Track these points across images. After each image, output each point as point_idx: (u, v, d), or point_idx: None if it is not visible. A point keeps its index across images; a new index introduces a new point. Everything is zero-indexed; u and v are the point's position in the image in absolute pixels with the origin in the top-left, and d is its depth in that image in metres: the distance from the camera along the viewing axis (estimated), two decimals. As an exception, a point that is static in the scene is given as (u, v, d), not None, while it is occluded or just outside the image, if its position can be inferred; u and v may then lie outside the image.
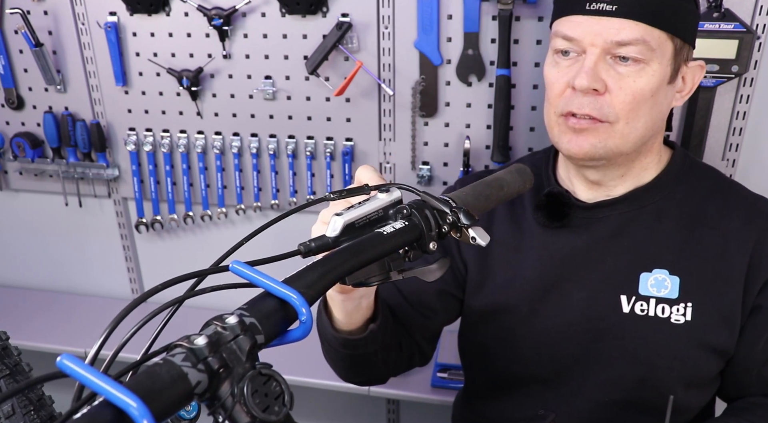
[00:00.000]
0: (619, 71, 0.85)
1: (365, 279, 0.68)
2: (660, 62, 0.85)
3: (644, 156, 0.95)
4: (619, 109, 0.86)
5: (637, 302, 0.94)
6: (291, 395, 0.48)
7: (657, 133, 0.94)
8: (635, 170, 0.96)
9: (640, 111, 0.86)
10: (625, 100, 0.85)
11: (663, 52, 0.84)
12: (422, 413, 1.82)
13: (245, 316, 0.49)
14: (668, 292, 0.93)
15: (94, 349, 0.45)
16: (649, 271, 0.94)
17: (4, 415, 0.78)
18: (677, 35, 0.85)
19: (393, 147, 1.52)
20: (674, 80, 0.89)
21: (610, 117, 0.87)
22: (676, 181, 0.97)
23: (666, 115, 0.93)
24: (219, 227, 1.75)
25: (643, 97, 0.85)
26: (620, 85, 0.85)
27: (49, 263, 1.95)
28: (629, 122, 0.87)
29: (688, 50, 0.89)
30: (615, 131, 0.87)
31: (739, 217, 0.93)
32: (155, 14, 1.51)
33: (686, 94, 0.92)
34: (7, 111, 1.69)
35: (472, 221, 0.69)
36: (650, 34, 0.83)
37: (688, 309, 0.92)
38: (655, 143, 0.95)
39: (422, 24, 1.38)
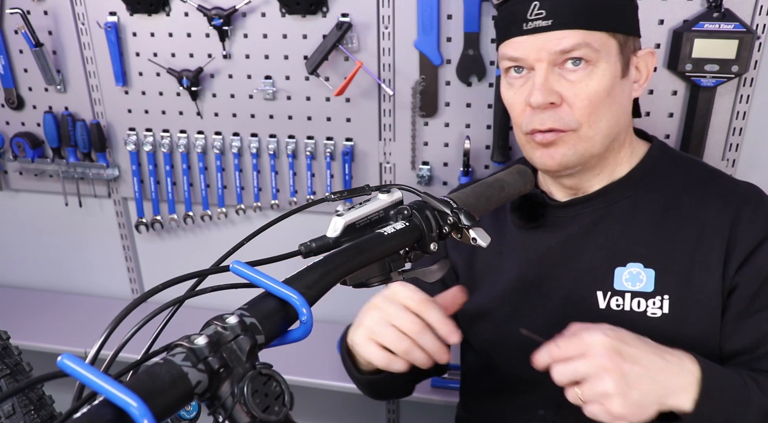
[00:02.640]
0: (570, 79, 0.87)
1: (366, 279, 0.68)
2: (607, 61, 0.87)
3: (617, 152, 0.96)
4: (579, 115, 0.88)
5: (613, 297, 0.94)
6: (291, 395, 0.48)
7: (624, 127, 0.95)
8: (609, 167, 0.97)
9: (599, 112, 0.88)
10: (582, 105, 0.87)
11: (608, 51, 0.87)
12: (422, 413, 1.82)
13: (246, 316, 0.49)
14: (643, 285, 0.92)
15: (95, 348, 0.45)
16: (624, 265, 0.93)
17: (5, 415, 0.78)
18: (618, 31, 0.87)
19: (393, 147, 1.52)
20: (627, 74, 0.91)
21: (572, 125, 0.88)
22: (652, 174, 0.97)
23: (629, 108, 0.94)
24: (219, 227, 1.75)
25: (599, 98, 0.87)
26: (574, 92, 0.87)
27: (49, 263, 1.95)
28: (592, 125, 0.89)
29: (634, 41, 0.91)
30: (580, 137, 0.89)
31: (716, 204, 0.92)
32: (155, 14, 1.51)
33: (644, 83, 0.93)
34: (7, 111, 1.69)
35: (473, 222, 0.70)
36: (590, 37, 0.85)
37: (664, 302, 0.91)
38: (626, 137, 0.96)
39: (422, 24, 1.38)
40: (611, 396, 0.74)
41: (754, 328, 0.90)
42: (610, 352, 0.75)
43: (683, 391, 0.77)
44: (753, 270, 0.89)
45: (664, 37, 1.30)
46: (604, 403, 0.74)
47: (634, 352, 0.77)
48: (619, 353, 0.75)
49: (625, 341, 0.77)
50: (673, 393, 0.76)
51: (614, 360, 0.74)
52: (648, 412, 0.75)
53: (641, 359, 0.76)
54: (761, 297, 0.89)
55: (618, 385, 0.73)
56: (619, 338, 0.77)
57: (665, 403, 0.76)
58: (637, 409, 0.75)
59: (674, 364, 0.78)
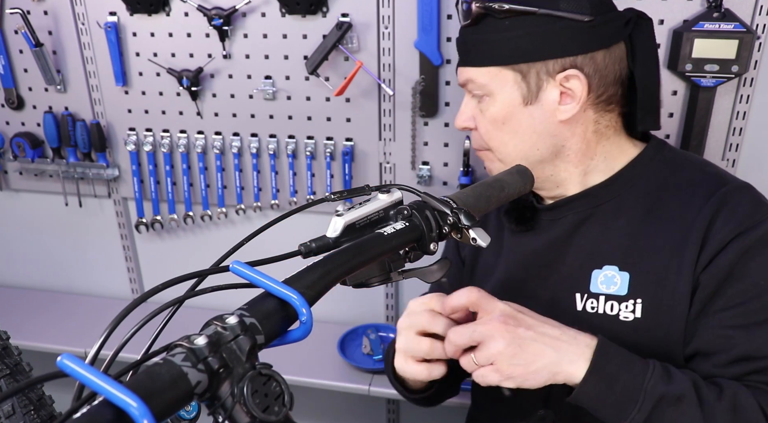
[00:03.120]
0: (479, 108, 0.96)
1: (366, 279, 0.68)
2: (501, 92, 0.92)
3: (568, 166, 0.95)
4: (486, 138, 0.97)
5: (588, 300, 0.94)
6: (291, 395, 0.48)
7: (558, 147, 0.93)
8: (571, 178, 0.96)
9: (501, 137, 0.95)
10: (484, 131, 0.96)
11: (500, 83, 0.91)
12: (422, 413, 1.82)
13: (245, 316, 0.49)
14: (617, 288, 0.92)
15: (95, 348, 0.45)
16: (600, 268, 0.94)
17: (5, 415, 0.78)
18: (512, 63, 0.90)
19: (393, 147, 1.52)
20: (535, 100, 0.91)
21: (485, 145, 0.98)
22: (639, 176, 0.95)
23: (552, 131, 0.92)
24: (219, 227, 1.75)
25: (496, 126, 0.94)
26: (480, 118, 0.96)
27: (49, 263, 1.95)
28: (498, 148, 0.96)
29: (548, 67, 0.88)
30: (496, 156, 0.98)
31: (699, 206, 0.90)
32: (155, 14, 1.51)
33: (578, 104, 0.89)
34: (7, 111, 1.69)
35: (472, 222, 0.70)
36: (475, 73, 0.93)
37: (637, 306, 0.90)
38: (572, 154, 0.94)
39: (422, 24, 1.38)
40: (503, 355, 0.77)
41: (708, 330, 0.87)
42: (505, 317, 0.79)
43: (575, 361, 0.79)
44: (714, 269, 0.86)
45: (664, 37, 1.30)
46: (495, 363, 0.78)
47: (530, 320, 0.81)
48: (514, 318, 0.80)
49: (522, 311, 0.82)
50: (566, 362, 0.78)
51: (509, 323, 0.79)
52: (538, 378, 0.78)
53: (535, 326, 0.80)
54: (718, 298, 0.87)
55: (510, 346, 0.77)
56: (517, 308, 0.82)
57: (557, 371, 0.78)
58: (527, 371, 0.78)
59: (569, 336, 0.80)
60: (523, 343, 0.78)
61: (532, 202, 1.01)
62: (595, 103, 0.92)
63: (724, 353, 0.86)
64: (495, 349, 0.78)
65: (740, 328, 0.85)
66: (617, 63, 0.91)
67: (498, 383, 0.79)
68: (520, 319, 0.80)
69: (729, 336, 0.85)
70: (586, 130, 0.93)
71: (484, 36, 0.91)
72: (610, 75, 0.91)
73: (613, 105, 0.94)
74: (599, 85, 0.90)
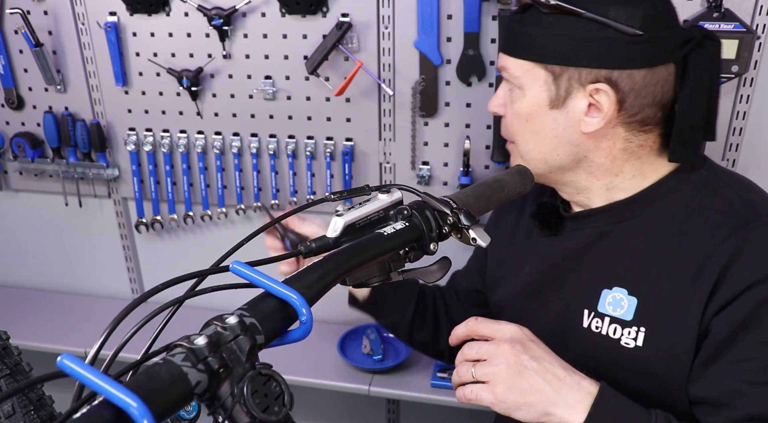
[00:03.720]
0: (510, 97, 0.93)
1: (366, 279, 0.68)
2: (530, 88, 0.88)
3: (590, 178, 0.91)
4: (511, 131, 0.94)
5: (594, 319, 0.92)
6: (291, 395, 0.48)
7: (581, 157, 0.89)
8: (596, 189, 0.92)
9: (523, 133, 0.92)
10: (510, 121, 0.94)
11: (531, 79, 0.88)
12: (422, 413, 1.82)
13: (245, 316, 0.49)
14: (623, 312, 0.88)
15: (95, 348, 0.45)
16: (610, 288, 0.90)
17: (5, 415, 0.78)
18: (548, 62, 0.85)
19: (393, 147, 1.52)
20: (562, 105, 0.86)
21: (509, 137, 0.96)
22: (664, 196, 0.90)
23: (574, 140, 0.88)
24: (219, 227, 1.75)
25: (520, 120, 0.91)
26: (509, 108, 0.93)
27: (49, 263, 1.95)
28: (520, 144, 0.93)
29: (581, 74, 0.84)
30: (518, 151, 0.95)
31: (723, 238, 0.82)
32: (155, 14, 1.51)
33: (603, 119, 0.85)
34: (7, 111, 1.69)
35: (472, 222, 0.70)
36: (511, 62, 0.89)
37: (640, 334, 0.86)
38: (595, 167, 0.90)
39: (422, 24, 1.38)
40: (499, 377, 0.77)
41: (718, 380, 0.81)
42: (514, 342, 0.79)
43: (573, 407, 0.77)
44: (729, 316, 0.80)
45: (664, 37, 1.30)
46: (491, 383, 0.77)
47: (538, 351, 0.80)
48: (523, 345, 0.79)
49: (533, 340, 0.81)
50: (564, 405, 0.77)
51: (516, 348, 0.78)
52: (530, 412, 0.77)
53: (542, 360, 0.79)
54: (731, 349, 0.81)
55: (510, 370, 0.77)
56: (529, 336, 0.81)
57: (551, 412, 0.77)
58: (521, 401, 0.77)
59: (573, 380, 0.79)
60: (524, 372, 0.77)
61: (559, 208, 0.99)
62: (627, 122, 0.86)
63: (736, 409, 0.80)
64: (495, 370, 0.77)
65: (754, 384, 0.80)
66: (660, 85, 0.84)
67: (489, 404, 0.78)
68: (529, 347, 0.79)
69: (742, 392, 0.80)
70: (613, 147, 0.88)
71: (526, 28, 0.87)
72: (649, 96, 0.84)
73: (650, 126, 0.88)
74: (633, 105, 0.84)
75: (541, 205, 1.01)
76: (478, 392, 0.78)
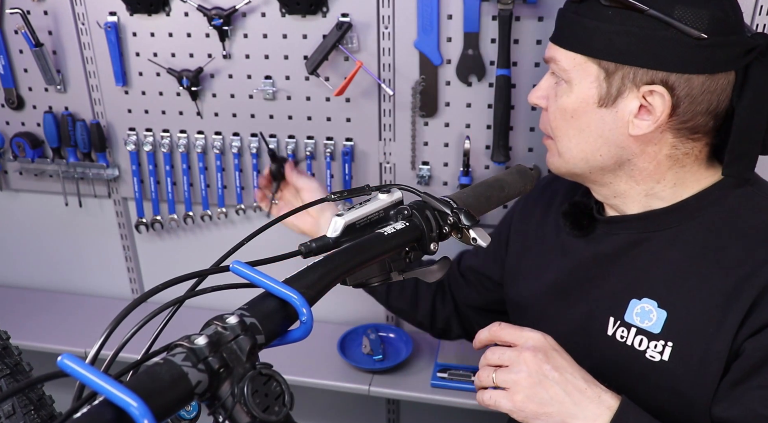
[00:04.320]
0: (555, 90, 0.89)
1: (366, 279, 0.68)
2: (579, 83, 0.84)
3: (630, 181, 0.89)
4: (553, 125, 0.90)
5: (620, 328, 0.89)
6: (291, 395, 0.48)
7: (624, 160, 0.87)
8: (634, 195, 0.90)
9: (565, 129, 0.88)
10: (553, 115, 0.90)
11: (582, 74, 0.84)
12: (422, 413, 1.82)
13: (246, 316, 0.49)
14: (651, 325, 0.86)
15: (95, 348, 0.45)
16: (639, 298, 0.88)
17: (5, 415, 0.78)
18: (601, 58, 0.82)
19: (393, 147, 1.52)
20: (611, 104, 0.83)
21: (549, 132, 0.92)
22: (705, 209, 0.86)
23: (620, 142, 0.85)
24: (219, 227, 1.74)
25: (564, 116, 0.87)
26: (552, 102, 0.90)
27: (49, 263, 1.95)
28: (560, 140, 0.90)
29: (636, 74, 0.80)
30: (557, 148, 0.91)
31: (763, 259, 0.79)
32: (155, 14, 1.51)
33: (653, 123, 0.82)
34: (7, 111, 1.69)
35: (473, 222, 0.70)
36: (563, 55, 0.86)
37: (667, 348, 0.84)
38: (637, 172, 0.87)
39: (422, 24, 1.38)
40: (520, 386, 0.76)
41: (745, 403, 0.79)
42: (537, 350, 0.78)
43: (592, 420, 0.75)
44: (764, 341, 0.78)
45: (664, 37, 1.30)
46: (511, 390, 0.77)
47: (561, 362, 0.78)
48: (545, 354, 0.78)
49: (557, 350, 0.80)
50: (582, 418, 0.76)
51: (538, 357, 0.77)
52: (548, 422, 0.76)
53: (564, 370, 0.77)
54: (762, 374, 0.78)
55: (530, 379, 0.76)
56: (553, 346, 0.80)
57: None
58: (539, 411, 0.76)
59: (594, 393, 0.77)
60: (545, 381, 0.76)
61: (592, 209, 0.97)
62: (677, 128, 0.83)
63: None
64: (515, 377, 0.77)
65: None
66: (718, 93, 0.80)
67: (508, 412, 0.77)
68: (551, 356, 0.78)
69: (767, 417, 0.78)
70: (659, 153, 0.85)
71: (583, 19, 0.82)
72: (704, 103, 0.81)
73: (700, 134, 0.84)
74: (686, 111, 0.81)
75: (574, 204, 0.98)
76: (497, 399, 0.78)
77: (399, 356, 1.59)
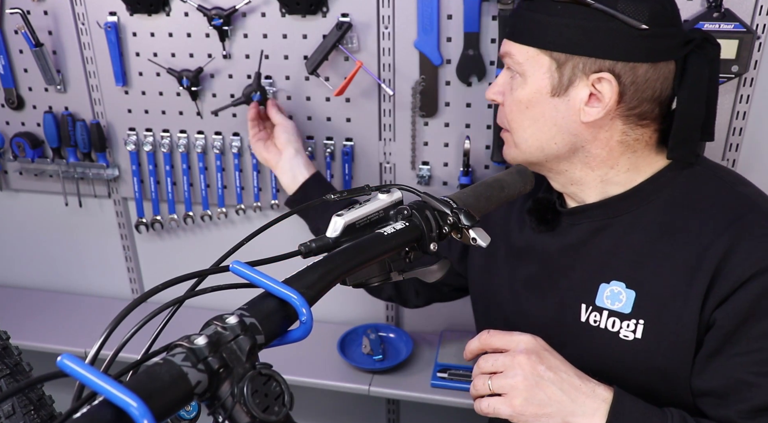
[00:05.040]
0: (510, 85, 0.94)
1: (366, 279, 0.68)
2: (533, 75, 0.89)
3: (585, 168, 0.93)
4: (508, 118, 0.95)
5: (593, 313, 0.93)
6: (291, 395, 0.48)
7: (577, 147, 0.90)
8: (591, 182, 0.93)
9: (523, 120, 0.92)
10: (509, 108, 0.94)
11: (535, 66, 0.88)
12: (422, 413, 1.82)
13: (245, 316, 0.49)
14: (622, 306, 0.90)
15: (95, 348, 0.45)
16: (608, 282, 0.92)
17: (5, 415, 0.78)
18: (553, 49, 0.86)
19: (393, 147, 1.52)
20: (563, 94, 0.87)
21: (506, 125, 0.96)
22: (659, 191, 0.91)
23: (572, 130, 0.89)
24: (219, 227, 1.75)
25: (519, 107, 0.92)
26: (508, 95, 0.94)
27: (49, 263, 1.95)
28: (516, 131, 0.94)
29: (585, 63, 0.85)
30: (512, 139, 0.96)
31: (719, 231, 0.84)
32: (155, 14, 1.51)
33: (603, 109, 0.86)
34: (7, 111, 1.69)
35: (473, 222, 0.70)
36: (516, 48, 0.90)
37: (639, 326, 0.88)
38: (591, 158, 0.91)
39: (422, 24, 1.38)
40: (517, 390, 0.77)
41: (725, 372, 0.83)
42: (530, 352, 0.79)
43: (591, 416, 0.78)
44: (733, 309, 0.82)
45: (664, 37, 1.30)
46: (508, 395, 0.78)
47: (555, 361, 0.80)
48: (538, 355, 0.79)
49: (548, 350, 0.81)
50: (581, 414, 0.78)
51: (532, 359, 0.78)
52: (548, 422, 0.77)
53: (558, 370, 0.79)
54: (737, 341, 0.82)
55: (527, 381, 0.77)
56: (544, 346, 0.81)
57: (571, 422, 0.77)
58: (539, 413, 0.77)
59: (588, 388, 0.79)
60: (541, 382, 0.77)
61: (555, 203, 1.00)
62: (626, 114, 0.88)
63: (745, 401, 0.82)
64: (512, 381, 0.77)
65: (762, 375, 0.81)
66: (660, 81, 0.86)
67: (508, 417, 0.78)
68: (544, 357, 0.80)
69: (750, 383, 0.82)
70: (611, 139, 0.90)
71: (535, 15, 0.88)
72: (648, 91, 0.86)
73: (648, 121, 0.90)
74: (633, 98, 0.86)
75: (538, 201, 1.02)
76: (495, 405, 0.79)
77: (399, 356, 1.59)
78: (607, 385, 0.80)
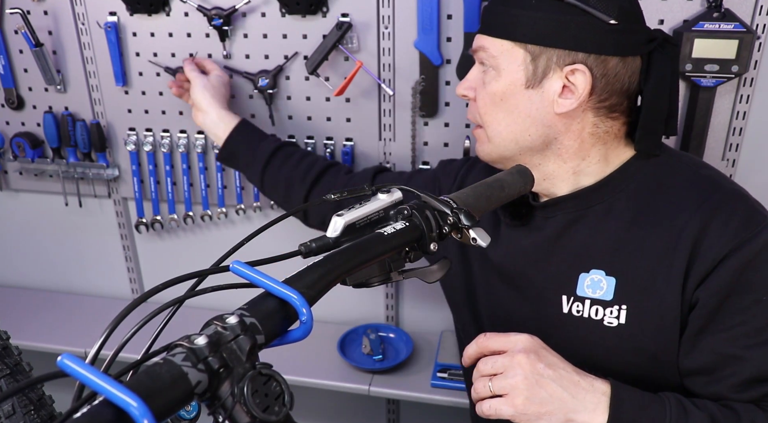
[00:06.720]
0: (483, 79, 0.95)
1: (366, 279, 0.68)
2: (508, 68, 0.91)
3: (558, 160, 0.94)
4: (482, 112, 0.96)
5: (575, 303, 0.94)
6: (291, 395, 0.48)
7: (551, 139, 0.93)
8: (563, 174, 0.95)
9: (497, 113, 0.94)
10: (482, 102, 0.95)
11: (509, 59, 0.90)
12: (422, 413, 1.82)
13: (246, 316, 0.49)
14: (603, 293, 0.92)
15: (95, 348, 0.45)
16: (587, 271, 0.93)
17: (5, 415, 0.78)
18: (527, 42, 0.89)
19: (393, 147, 1.52)
20: (537, 85, 0.90)
21: (479, 120, 0.98)
22: (629, 179, 0.94)
23: (546, 121, 0.91)
24: (219, 227, 1.75)
25: (494, 100, 0.93)
26: (480, 90, 0.96)
27: (49, 263, 1.95)
28: (490, 124, 0.95)
29: (559, 56, 0.88)
30: (486, 135, 0.97)
31: (690, 211, 0.87)
32: (155, 14, 1.51)
33: (576, 100, 0.89)
34: (7, 111, 1.69)
35: (473, 222, 0.70)
36: (489, 42, 0.92)
37: (622, 312, 0.90)
38: (563, 150, 0.93)
39: (422, 24, 1.38)
40: (518, 389, 0.78)
41: (712, 349, 0.85)
42: (529, 351, 0.80)
43: (593, 410, 0.78)
44: (714, 286, 0.84)
45: (664, 37, 1.30)
46: (510, 395, 0.78)
47: (553, 359, 0.81)
48: (536, 354, 0.80)
49: (546, 348, 0.82)
50: (582, 410, 0.78)
51: (531, 358, 0.79)
52: (551, 421, 0.78)
53: (557, 367, 0.80)
54: (721, 317, 0.85)
55: (527, 381, 0.78)
56: (541, 344, 0.82)
57: (573, 419, 0.78)
58: (540, 411, 0.77)
59: (587, 383, 0.80)
60: (541, 381, 0.78)
61: (528, 198, 1.01)
62: (596, 107, 0.91)
63: (736, 375, 0.84)
64: (512, 382, 0.78)
65: (750, 347, 0.83)
66: (629, 75, 0.90)
67: (510, 417, 0.79)
68: (542, 355, 0.80)
69: (738, 356, 0.84)
70: (582, 131, 0.92)
71: (509, 9, 0.90)
72: (618, 84, 0.89)
73: (617, 114, 0.93)
74: (603, 90, 0.89)
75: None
76: (497, 407, 0.79)
77: (399, 356, 1.59)
78: (604, 379, 0.81)
